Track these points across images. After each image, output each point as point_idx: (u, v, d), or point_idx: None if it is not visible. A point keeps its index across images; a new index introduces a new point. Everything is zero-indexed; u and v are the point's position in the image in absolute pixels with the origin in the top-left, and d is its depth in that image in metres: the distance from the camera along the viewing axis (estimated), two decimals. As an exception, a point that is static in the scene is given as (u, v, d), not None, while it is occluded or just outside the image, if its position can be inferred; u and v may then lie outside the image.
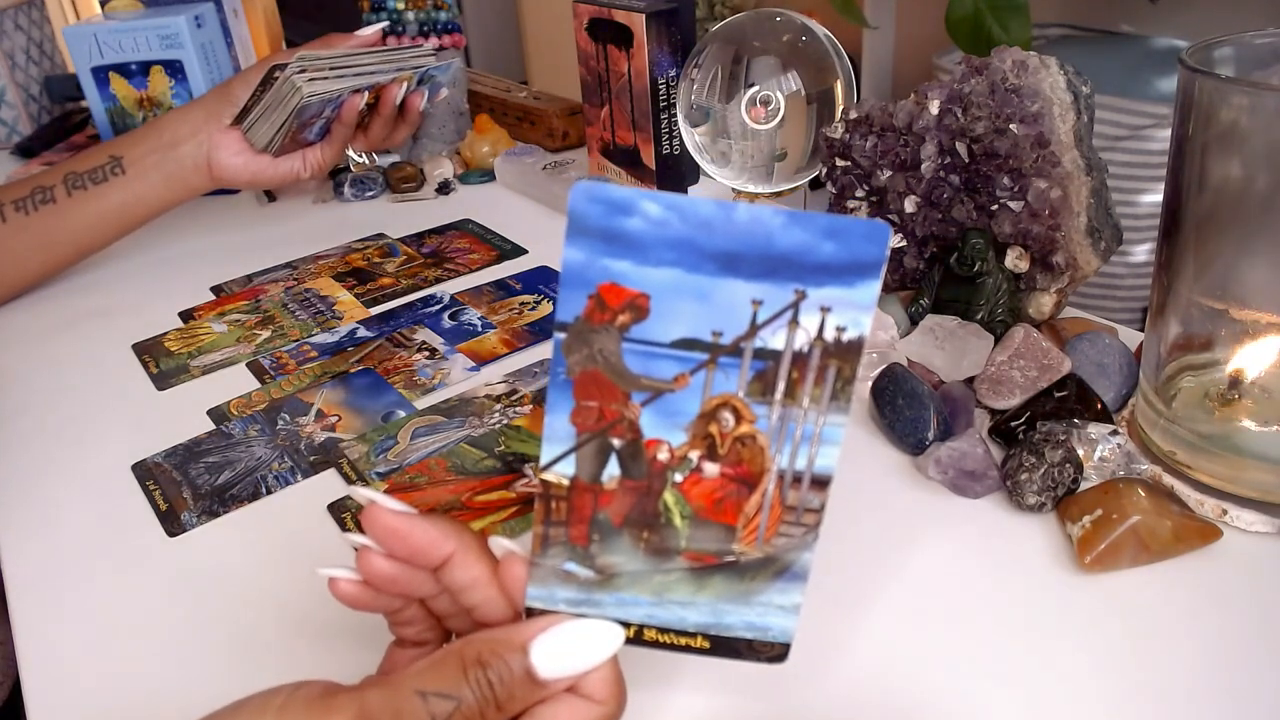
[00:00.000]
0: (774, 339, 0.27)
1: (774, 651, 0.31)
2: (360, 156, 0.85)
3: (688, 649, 0.31)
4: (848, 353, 0.27)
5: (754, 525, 0.30)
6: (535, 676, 0.29)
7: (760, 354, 0.27)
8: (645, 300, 0.27)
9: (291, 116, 0.73)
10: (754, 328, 0.27)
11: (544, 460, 0.29)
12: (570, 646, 0.29)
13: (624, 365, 0.28)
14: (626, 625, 0.31)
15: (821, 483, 0.29)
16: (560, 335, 0.27)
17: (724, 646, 0.31)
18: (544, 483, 0.29)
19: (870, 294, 0.26)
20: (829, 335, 0.27)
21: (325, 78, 0.74)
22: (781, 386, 0.28)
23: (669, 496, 0.29)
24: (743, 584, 0.30)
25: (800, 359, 0.27)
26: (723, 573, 0.30)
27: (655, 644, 0.31)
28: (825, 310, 0.26)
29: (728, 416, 0.28)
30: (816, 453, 0.29)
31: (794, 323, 0.27)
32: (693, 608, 0.31)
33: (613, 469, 0.29)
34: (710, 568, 0.30)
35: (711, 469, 0.29)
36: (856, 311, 0.26)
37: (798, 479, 0.29)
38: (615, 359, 0.27)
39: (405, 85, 0.81)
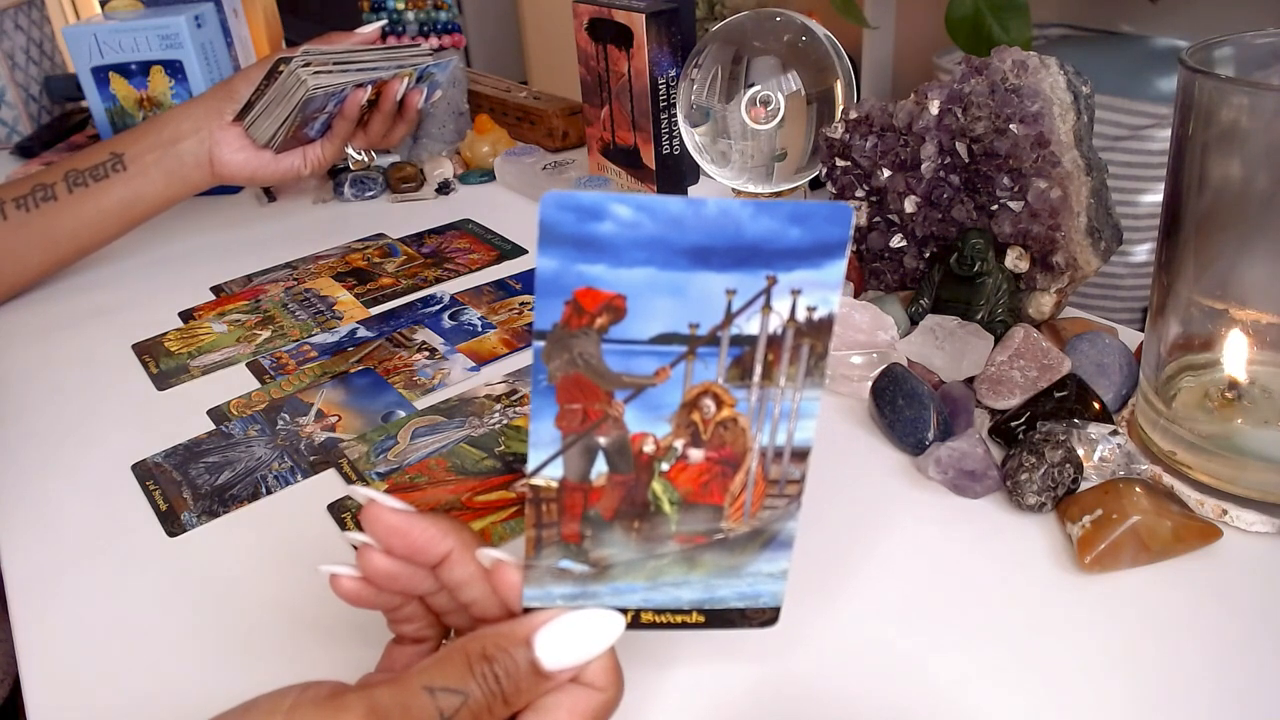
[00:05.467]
0: (749, 325, 0.28)
1: (765, 617, 0.33)
2: (359, 154, 0.86)
3: (684, 625, 0.32)
4: (819, 330, 0.28)
5: (740, 502, 0.31)
6: (540, 669, 0.29)
7: (737, 340, 0.28)
8: (622, 301, 0.27)
9: (295, 110, 0.73)
10: (729, 316, 0.28)
11: (531, 465, 0.29)
12: (573, 637, 0.30)
13: (605, 366, 0.28)
14: (624, 611, 0.31)
15: (801, 455, 0.30)
16: (540, 343, 0.28)
17: (718, 619, 0.33)
18: (533, 487, 0.30)
19: (837, 273, 0.27)
20: (800, 316, 0.28)
21: (329, 71, 0.74)
22: (759, 369, 0.29)
23: (657, 485, 0.30)
24: (732, 558, 0.32)
25: (775, 341, 0.28)
26: (713, 550, 0.31)
27: (653, 625, 0.32)
28: (796, 293, 0.28)
29: (709, 403, 0.29)
30: (795, 427, 0.30)
31: (767, 307, 0.28)
32: (686, 586, 0.32)
33: (600, 466, 0.30)
34: (700, 547, 0.31)
35: (696, 455, 0.30)
36: (825, 290, 0.28)
37: (779, 454, 0.30)
38: (596, 360, 0.28)
39: (405, 81, 0.81)
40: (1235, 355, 0.45)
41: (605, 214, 0.26)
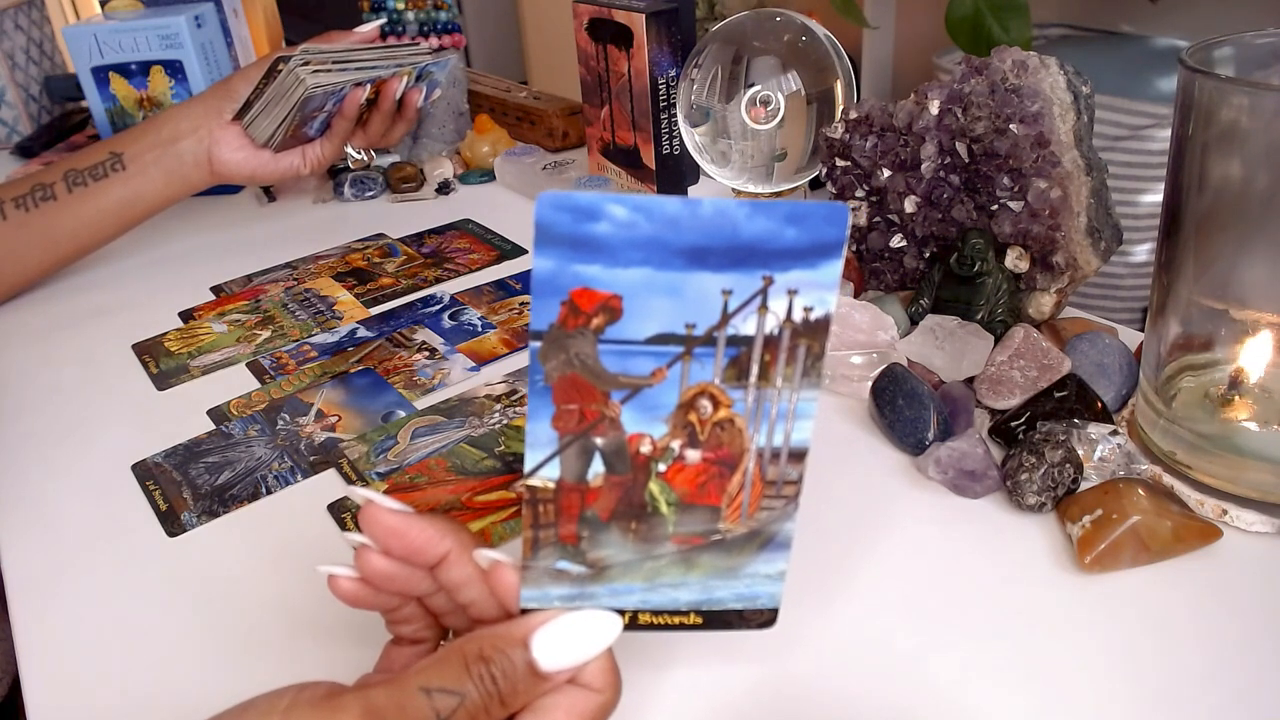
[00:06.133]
0: (745, 325, 0.28)
1: (763, 618, 0.33)
2: (358, 153, 0.86)
3: (681, 627, 0.32)
4: (816, 330, 0.28)
5: (737, 503, 0.31)
6: (537, 670, 0.29)
7: (733, 341, 0.28)
8: (618, 301, 0.27)
9: (294, 109, 0.73)
10: (725, 316, 0.28)
11: (528, 466, 0.29)
12: (570, 638, 0.30)
13: (601, 366, 0.28)
14: (621, 613, 0.31)
15: (798, 455, 0.30)
16: (536, 344, 0.28)
17: (716, 620, 0.32)
18: (530, 488, 0.30)
19: (833, 273, 0.27)
20: (797, 316, 0.28)
21: (328, 70, 0.74)
22: (755, 369, 0.29)
23: (654, 486, 0.30)
24: (730, 559, 0.32)
25: (772, 341, 0.28)
26: (710, 551, 0.31)
27: (650, 626, 0.32)
28: (792, 293, 0.28)
29: (706, 404, 0.29)
30: (792, 428, 0.30)
31: (763, 308, 0.28)
32: (684, 588, 0.32)
33: (597, 467, 0.30)
34: (698, 548, 0.31)
35: (694, 455, 0.30)
36: (822, 291, 0.28)
37: (776, 455, 0.30)
38: (592, 361, 0.28)
39: (404, 80, 0.81)
40: (1235, 355, 0.45)
41: (601, 214, 0.26)
